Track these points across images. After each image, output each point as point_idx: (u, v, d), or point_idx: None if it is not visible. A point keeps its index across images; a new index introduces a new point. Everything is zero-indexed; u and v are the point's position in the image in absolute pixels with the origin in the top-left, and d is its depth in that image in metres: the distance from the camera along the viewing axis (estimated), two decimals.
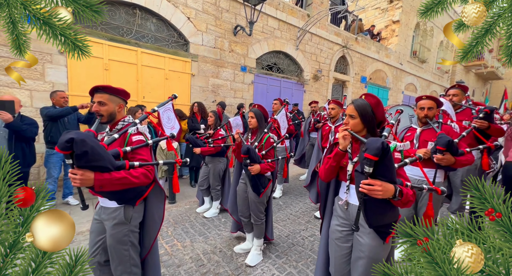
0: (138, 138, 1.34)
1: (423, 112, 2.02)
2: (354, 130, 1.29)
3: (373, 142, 0.99)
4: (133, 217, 1.35)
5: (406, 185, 1.09)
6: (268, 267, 2.21)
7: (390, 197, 1.03)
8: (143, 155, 1.31)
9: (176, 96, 2.05)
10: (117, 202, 1.30)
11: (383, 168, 1.01)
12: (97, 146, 1.03)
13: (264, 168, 2.04)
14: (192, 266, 2.21)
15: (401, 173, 1.20)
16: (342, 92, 9.35)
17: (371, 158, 0.98)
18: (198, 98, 5.35)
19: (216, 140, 3.05)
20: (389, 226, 1.23)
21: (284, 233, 2.87)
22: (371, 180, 1.02)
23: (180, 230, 2.87)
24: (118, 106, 1.41)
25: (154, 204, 1.44)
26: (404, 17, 11.01)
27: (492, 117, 2.09)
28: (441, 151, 1.72)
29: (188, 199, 3.86)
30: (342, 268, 1.38)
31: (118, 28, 4.34)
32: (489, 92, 21.09)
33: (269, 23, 6.49)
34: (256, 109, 2.28)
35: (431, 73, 13.82)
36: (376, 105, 1.29)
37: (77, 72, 3.87)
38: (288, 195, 4.19)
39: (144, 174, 1.22)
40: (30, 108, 3.51)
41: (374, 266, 1.22)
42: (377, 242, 1.23)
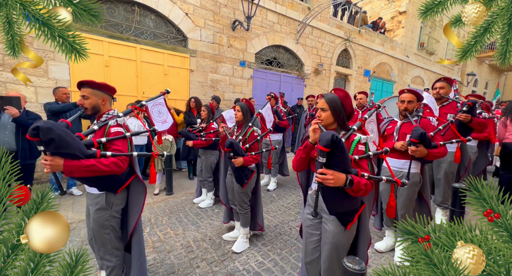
0: (116, 130, 1.45)
1: (403, 105, 2.06)
2: (326, 122, 1.37)
3: (325, 134, 1.06)
4: (114, 203, 1.48)
5: (362, 175, 1.16)
6: (253, 254, 2.33)
7: (342, 185, 1.10)
8: (118, 145, 1.41)
9: (169, 91, 2.14)
10: (98, 189, 1.43)
11: (335, 159, 1.09)
12: (65, 134, 1.12)
13: (247, 161, 2.13)
14: (182, 252, 2.35)
15: (362, 164, 1.27)
16: (344, 86, 9.25)
17: (323, 149, 1.06)
18: (197, 93, 5.46)
19: (208, 133, 3.16)
20: (350, 214, 1.31)
21: (273, 223, 2.98)
22: (325, 169, 1.10)
23: (174, 219, 3.03)
24: (101, 100, 1.51)
25: (135, 194, 1.57)
26: (412, 7, 10.65)
27: (475, 110, 2.10)
28: (414, 143, 1.77)
29: (186, 190, 4.02)
30: (311, 253, 1.48)
31: (117, 25, 4.47)
32: (504, 84, 20.25)
33: (268, 17, 6.47)
34: (243, 103, 2.36)
35: (440, 65, 13.40)
36: (345, 97, 1.37)
37: (79, 69, 4.04)
38: (282, 188, 4.29)
39: (114, 162, 1.31)
40: (36, 104, 3.71)
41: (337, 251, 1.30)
42: (339, 228, 1.32)
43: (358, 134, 1.33)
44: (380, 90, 10.28)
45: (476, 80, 16.40)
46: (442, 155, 1.85)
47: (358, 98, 3.85)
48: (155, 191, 3.82)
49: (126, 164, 1.39)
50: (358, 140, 1.30)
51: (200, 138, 3.08)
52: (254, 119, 2.34)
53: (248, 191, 2.29)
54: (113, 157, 1.32)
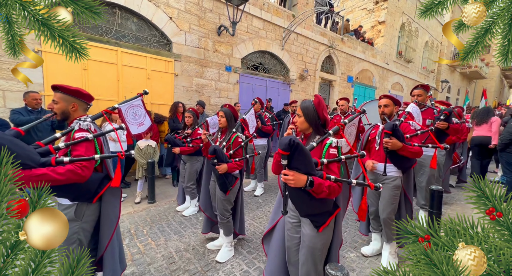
0: (80, 135, 1.36)
1: (380, 110, 2.15)
2: (301, 127, 1.44)
3: (284, 139, 1.12)
4: (85, 214, 1.38)
5: (328, 177, 1.19)
6: (238, 263, 2.27)
7: (303, 186, 1.14)
8: (79, 150, 1.31)
9: (147, 92, 2.07)
10: (69, 199, 1.32)
11: (296, 161, 1.14)
12: (11, 143, 1.03)
13: (231, 167, 2.09)
14: (163, 264, 2.24)
15: (331, 167, 1.31)
16: (329, 91, 9.49)
17: (282, 152, 1.12)
18: (182, 98, 5.36)
19: (194, 139, 3.09)
20: (321, 216, 1.32)
21: (259, 229, 2.93)
22: (287, 170, 1.15)
23: (156, 229, 2.89)
24: (71, 106, 1.43)
25: (110, 203, 1.47)
26: (390, 17, 11.24)
27: (451, 118, 2.22)
28: (387, 134, 1.85)
29: (169, 198, 3.88)
30: (292, 256, 1.48)
31: (97, 27, 4.31)
32: (474, 91, 21.78)
33: (253, 23, 6.53)
34: (226, 109, 2.33)
35: (417, 72, 14.16)
36: (318, 104, 1.41)
37: (53, 72, 3.82)
38: (269, 193, 4.26)
39: (71, 170, 1.20)
40: (3, 109, 3.45)
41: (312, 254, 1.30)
42: (314, 231, 1.34)
43: (331, 138, 1.36)
44: (362, 95, 10.65)
45: (450, 87, 17.49)
46: (418, 154, 1.93)
47: (340, 104, 3.96)
48: (136, 200, 3.65)
49: (88, 171, 1.27)
50: (330, 144, 1.34)
51: (187, 145, 3.00)
52: (238, 125, 2.31)
53: (231, 198, 2.23)
54: (71, 162, 1.21)
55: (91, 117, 1.48)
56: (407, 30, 12.70)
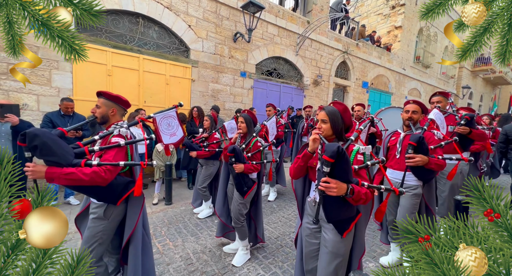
0: (116, 140, 1.44)
1: (407, 115, 2.08)
2: (325, 134, 1.40)
3: (331, 146, 1.10)
4: (113, 214, 1.46)
5: (363, 184, 1.18)
6: (254, 267, 2.28)
7: (343, 194, 1.13)
8: (109, 154, 1.38)
9: (182, 104, 2.16)
10: (96, 199, 1.42)
11: (339, 169, 1.12)
12: (52, 142, 1.12)
13: (247, 168, 2.12)
14: (181, 265, 2.29)
15: (361, 173, 1.29)
16: (343, 97, 9.39)
17: (328, 160, 1.09)
18: (198, 102, 5.50)
19: (211, 143, 3.16)
20: (346, 222, 1.31)
21: (274, 235, 2.93)
22: (328, 178, 1.12)
23: (173, 230, 2.97)
24: (111, 111, 1.55)
25: (134, 205, 1.54)
26: (407, 22, 11.03)
27: (473, 123, 2.14)
28: (412, 146, 1.79)
29: (185, 200, 3.97)
30: (310, 263, 1.47)
31: (121, 36, 4.56)
32: (498, 97, 20.67)
33: (268, 30, 6.65)
34: (246, 115, 2.38)
35: (436, 78, 13.70)
36: (344, 111, 1.41)
37: (82, 78, 4.08)
38: (282, 198, 4.25)
39: (96, 172, 1.25)
40: (37, 112, 3.71)
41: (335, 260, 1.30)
42: (338, 237, 1.32)
43: (357, 145, 1.35)
44: (378, 101, 10.43)
45: (471, 93, 16.73)
46: (442, 166, 1.86)
47: (356, 110, 3.93)
48: (154, 201, 3.76)
49: (111, 174, 1.32)
50: (357, 150, 1.33)
51: (204, 149, 3.08)
52: (258, 130, 2.35)
53: (247, 202, 2.26)
54: (98, 166, 1.28)
55: (128, 124, 1.58)
56: (425, 34, 12.39)
